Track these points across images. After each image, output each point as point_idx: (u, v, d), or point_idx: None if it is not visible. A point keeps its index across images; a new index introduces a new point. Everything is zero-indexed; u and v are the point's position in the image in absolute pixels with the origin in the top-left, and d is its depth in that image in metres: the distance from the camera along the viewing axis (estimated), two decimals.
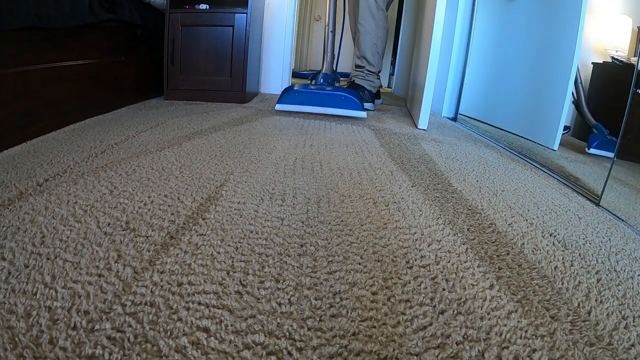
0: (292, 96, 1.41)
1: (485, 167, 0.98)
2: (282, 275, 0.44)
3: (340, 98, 1.40)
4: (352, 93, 1.43)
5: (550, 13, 1.29)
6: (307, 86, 1.44)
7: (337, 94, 1.40)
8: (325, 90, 1.41)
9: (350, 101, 1.39)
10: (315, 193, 0.70)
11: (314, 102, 1.40)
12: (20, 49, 0.89)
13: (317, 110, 1.41)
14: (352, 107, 1.40)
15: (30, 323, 0.33)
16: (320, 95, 1.40)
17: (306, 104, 1.41)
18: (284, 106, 1.42)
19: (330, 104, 1.40)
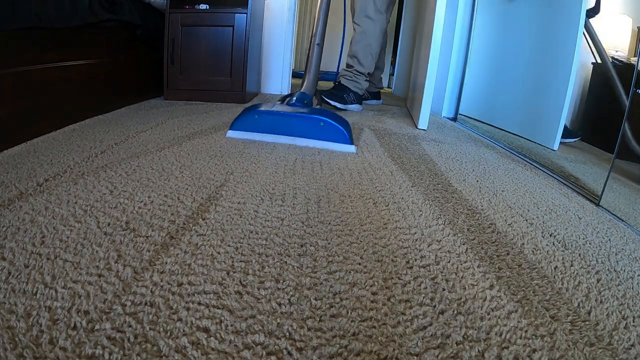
0: (251, 119, 1.00)
1: (485, 167, 0.98)
2: (282, 275, 0.44)
3: (318, 124, 0.97)
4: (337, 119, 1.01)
5: (550, 13, 1.29)
6: (274, 105, 1.04)
7: (315, 118, 0.98)
8: (299, 113, 0.99)
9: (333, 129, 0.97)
10: (315, 193, 0.70)
11: (280, 128, 0.98)
12: (20, 49, 0.89)
13: (284, 140, 0.99)
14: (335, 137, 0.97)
15: (30, 323, 0.33)
16: (290, 120, 0.98)
17: (269, 131, 0.99)
18: (239, 133, 1.01)
19: (305, 132, 0.98)
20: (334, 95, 1.69)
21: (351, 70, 1.72)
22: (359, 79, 1.72)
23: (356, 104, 1.73)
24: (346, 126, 1.01)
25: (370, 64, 1.72)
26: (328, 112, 1.03)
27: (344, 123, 1.02)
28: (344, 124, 1.02)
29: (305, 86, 1.20)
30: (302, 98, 1.13)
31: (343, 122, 1.02)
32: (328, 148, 0.99)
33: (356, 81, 1.72)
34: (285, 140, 1.00)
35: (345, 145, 0.99)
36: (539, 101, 1.31)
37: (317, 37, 1.21)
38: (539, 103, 1.31)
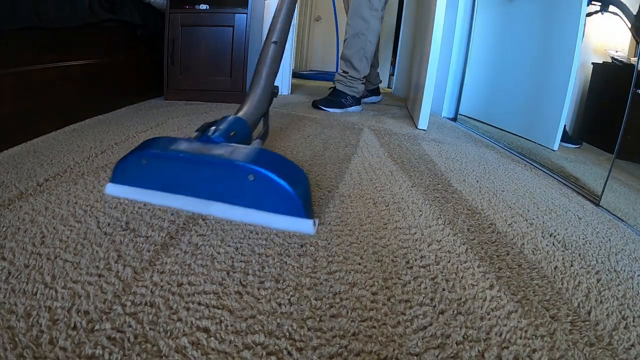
0: (136, 167, 0.58)
1: (485, 168, 0.98)
2: (282, 275, 0.44)
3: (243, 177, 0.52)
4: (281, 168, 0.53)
5: (550, 13, 1.29)
6: (176, 143, 0.58)
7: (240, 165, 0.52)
8: (213, 157, 0.54)
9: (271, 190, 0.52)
10: (315, 193, 0.70)
11: (183, 182, 0.57)
12: (20, 49, 0.89)
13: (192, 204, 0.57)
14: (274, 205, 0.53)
15: (30, 323, 0.33)
16: (195, 169, 0.55)
17: (166, 188, 0.58)
18: (122, 189, 0.61)
19: (223, 192, 0.55)
20: (331, 102, 1.66)
21: (345, 76, 1.69)
22: (355, 83, 1.69)
23: (355, 105, 1.72)
24: (297, 181, 0.53)
25: (364, 68, 1.68)
26: (267, 155, 0.55)
27: (293, 175, 0.53)
28: (294, 176, 0.53)
29: (246, 108, 0.70)
30: (230, 129, 0.61)
31: (291, 174, 0.54)
32: (261, 223, 0.54)
33: (352, 86, 1.69)
34: (187, 206, 0.56)
35: (293, 219, 0.52)
36: (539, 101, 1.31)
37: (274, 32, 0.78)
38: (539, 103, 1.31)
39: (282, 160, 0.56)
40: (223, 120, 0.63)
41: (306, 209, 0.52)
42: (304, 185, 0.54)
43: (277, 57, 0.78)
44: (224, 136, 0.59)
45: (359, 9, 1.59)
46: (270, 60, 0.76)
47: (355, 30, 1.62)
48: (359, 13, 1.60)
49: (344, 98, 1.68)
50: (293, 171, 0.55)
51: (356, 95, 1.72)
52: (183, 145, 0.57)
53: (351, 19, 1.63)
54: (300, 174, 0.56)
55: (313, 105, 1.70)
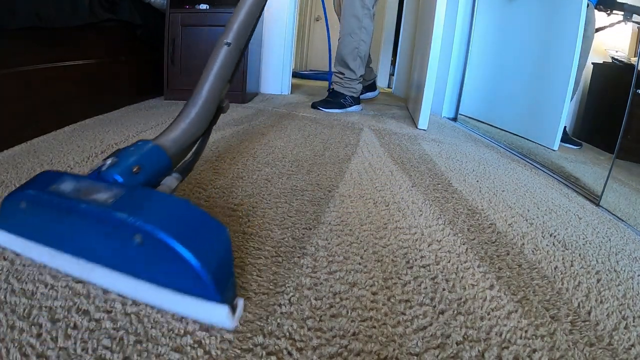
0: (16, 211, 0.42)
1: (486, 167, 0.98)
2: (282, 275, 0.44)
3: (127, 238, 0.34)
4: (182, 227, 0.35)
5: (550, 13, 1.29)
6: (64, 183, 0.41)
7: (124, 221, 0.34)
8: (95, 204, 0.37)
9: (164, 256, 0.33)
10: (315, 193, 0.70)
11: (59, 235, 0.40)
12: (20, 49, 0.89)
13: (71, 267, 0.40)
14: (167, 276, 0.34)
15: (30, 323, 0.33)
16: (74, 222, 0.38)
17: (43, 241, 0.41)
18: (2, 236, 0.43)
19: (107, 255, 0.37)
20: (329, 104, 1.67)
21: (342, 78, 1.69)
22: (352, 83, 1.69)
23: (355, 105, 1.72)
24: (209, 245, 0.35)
25: (359, 68, 1.67)
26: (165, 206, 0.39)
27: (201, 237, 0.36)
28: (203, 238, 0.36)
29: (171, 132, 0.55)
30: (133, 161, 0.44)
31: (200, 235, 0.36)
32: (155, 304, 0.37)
33: (350, 86, 1.69)
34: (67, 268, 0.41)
35: (198, 300, 0.34)
36: (539, 101, 1.31)
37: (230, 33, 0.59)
38: (539, 103, 1.31)
39: (187, 212, 0.38)
40: (132, 148, 0.46)
41: (218, 287, 0.33)
42: (219, 249, 0.36)
43: (228, 63, 0.59)
44: (122, 173, 0.42)
45: (351, 7, 1.59)
46: (219, 66, 0.59)
47: (348, 30, 1.62)
48: (352, 12, 1.59)
49: (343, 98, 1.69)
50: (202, 228, 0.37)
51: (355, 95, 1.72)
52: (66, 185, 0.41)
53: (344, 18, 1.63)
54: (216, 232, 0.37)
55: (312, 106, 1.70)
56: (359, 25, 1.60)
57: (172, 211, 0.38)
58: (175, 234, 0.33)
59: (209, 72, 0.59)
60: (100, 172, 0.42)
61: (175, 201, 0.39)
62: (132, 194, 0.38)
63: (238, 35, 0.60)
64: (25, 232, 0.43)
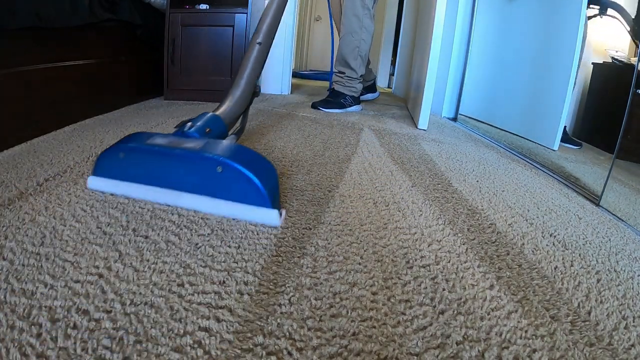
0: (115, 160, 0.61)
1: (486, 167, 0.98)
2: (282, 275, 0.44)
3: (212, 169, 0.55)
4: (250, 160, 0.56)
5: (550, 13, 1.29)
6: (152, 137, 0.61)
7: (209, 157, 0.55)
8: (185, 150, 0.57)
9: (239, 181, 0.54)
10: (315, 193, 0.70)
11: (157, 174, 0.59)
12: (20, 49, 0.89)
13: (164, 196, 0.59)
14: (241, 195, 0.55)
15: (30, 323, 0.33)
16: (169, 161, 0.57)
17: (142, 180, 0.60)
18: (102, 182, 0.62)
19: (193, 183, 0.57)
20: (329, 103, 1.68)
21: (342, 77, 1.70)
22: (353, 83, 1.70)
23: (355, 105, 1.73)
24: (265, 173, 0.55)
25: (360, 67, 1.68)
26: (238, 149, 0.57)
27: (260, 168, 0.55)
28: (261, 169, 0.55)
29: (224, 107, 0.72)
30: (205, 125, 0.64)
31: (259, 166, 0.55)
32: (227, 215, 0.56)
33: (350, 86, 1.70)
34: (160, 198, 0.58)
35: (258, 208, 0.53)
36: (539, 101, 1.31)
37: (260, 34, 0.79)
38: (539, 103, 1.31)
39: (251, 154, 0.58)
40: (200, 117, 0.66)
41: (272, 200, 0.54)
42: (272, 177, 0.56)
43: (260, 59, 0.80)
44: (199, 132, 0.62)
45: (352, 8, 1.60)
46: (253, 61, 0.79)
47: (349, 29, 1.63)
48: (353, 12, 1.61)
49: (343, 98, 1.69)
50: (261, 164, 0.57)
51: (355, 95, 1.72)
52: (158, 139, 0.59)
53: (345, 17, 1.64)
54: (269, 166, 0.58)
55: (312, 106, 1.71)
56: (359, 25, 1.61)
57: (240, 152, 0.56)
58: (245, 165, 0.52)
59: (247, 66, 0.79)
60: (184, 132, 0.61)
61: (240, 146, 0.59)
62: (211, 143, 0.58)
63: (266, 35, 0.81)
64: (122, 176, 0.60)
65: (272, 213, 0.54)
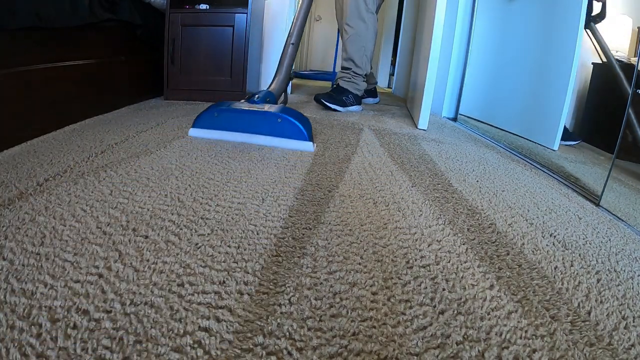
0: (210, 118, 1.00)
1: (485, 167, 0.98)
2: (283, 275, 0.44)
3: (274, 120, 0.96)
4: (295, 115, 0.99)
5: (550, 13, 1.29)
6: (233, 104, 1.02)
7: (273, 114, 0.97)
8: (257, 110, 0.98)
9: (290, 126, 0.96)
10: (316, 193, 0.70)
11: (240, 125, 0.99)
12: (20, 49, 0.89)
13: (244, 138, 0.99)
14: (292, 135, 0.96)
15: (30, 323, 0.33)
16: (248, 117, 0.98)
17: (229, 129, 0.99)
18: (200, 131, 1.02)
19: (263, 129, 0.98)
20: (332, 98, 1.70)
21: (349, 72, 1.73)
22: (357, 80, 1.73)
23: (356, 105, 1.75)
24: (305, 123, 1.00)
25: (366, 65, 1.73)
26: (287, 109, 1.01)
27: (302, 120, 1.00)
28: (303, 120, 1.00)
29: (273, 86, 1.18)
30: (266, 96, 1.09)
31: (302, 119, 1.00)
32: (284, 146, 0.97)
33: (354, 82, 1.73)
34: (245, 138, 1.00)
35: (302, 142, 0.97)
36: (539, 101, 1.31)
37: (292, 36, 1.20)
38: (539, 103, 1.31)
39: (296, 112, 1.02)
40: (261, 92, 1.10)
41: (309, 137, 0.98)
42: (308, 124, 1.03)
43: (293, 54, 1.22)
44: (262, 100, 1.06)
45: (357, 10, 1.67)
46: (289, 57, 1.21)
47: (355, 31, 1.69)
48: (358, 14, 1.67)
49: (346, 96, 1.72)
50: (302, 117, 1.03)
51: (358, 94, 1.75)
52: (240, 105, 1.02)
53: (350, 20, 1.69)
54: (306, 119, 1.04)
55: (315, 99, 1.73)
56: (365, 27, 1.69)
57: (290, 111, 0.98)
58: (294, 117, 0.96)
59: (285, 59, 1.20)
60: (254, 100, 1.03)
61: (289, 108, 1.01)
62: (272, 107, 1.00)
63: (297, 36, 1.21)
64: (217, 126, 0.99)
65: (309, 144, 0.98)
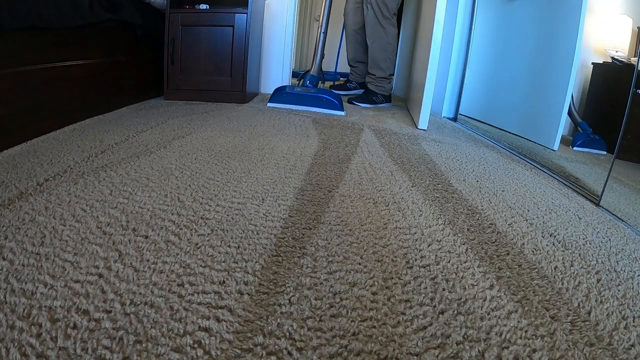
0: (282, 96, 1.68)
1: (485, 167, 0.98)
2: (283, 275, 0.44)
3: (322, 100, 1.65)
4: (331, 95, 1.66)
5: (550, 13, 1.29)
6: (294, 88, 1.70)
7: (319, 96, 1.65)
8: (309, 92, 1.67)
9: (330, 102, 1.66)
10: (316, 193, 0.70)
11: (299, 102, 1.66)
12: (20, 49, 0.89)
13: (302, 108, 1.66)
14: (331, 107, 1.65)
15: (30, 323, 0.33)
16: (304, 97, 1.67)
17: (293, 104, 1.67)
18: (275, 104, 1.68)
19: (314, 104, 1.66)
20: (363, 99, 2.00)
21: (374, 79, 1.97)
22: (382, 82, 1.96)
23: (386, 102, 2.01)
24: (339, 99, 1.65)
25: (389, 67, 1.96)
26: (329, 91, 1.68)
27: (337, 97, 1.65)
28: (337, 98, 1.65)
29: (313, 69, 1.78)
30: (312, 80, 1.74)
31: (336, 97, 1.65)
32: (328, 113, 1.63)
33: (380, 85, 1.97)
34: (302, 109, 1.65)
35: (338, 111, 1.63)
36: (539, 101, 1.31)
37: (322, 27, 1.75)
38: (538, 103, 1.31)
39: (333, 92, 1.68)
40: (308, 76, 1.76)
41: (342, 108, 1.65)
42: (340, 100, 1.66)
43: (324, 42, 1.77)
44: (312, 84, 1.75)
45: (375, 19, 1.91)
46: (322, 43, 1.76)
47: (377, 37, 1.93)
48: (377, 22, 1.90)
49: (375, 96, 1.96)
50: (337, 95, 1.67)
51: (385, 94, 1.99)
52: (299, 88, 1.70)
53: (371, 28, 1.92)
54: (339, 97, 1.67)
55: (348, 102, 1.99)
56: (384, 32, 1.91)
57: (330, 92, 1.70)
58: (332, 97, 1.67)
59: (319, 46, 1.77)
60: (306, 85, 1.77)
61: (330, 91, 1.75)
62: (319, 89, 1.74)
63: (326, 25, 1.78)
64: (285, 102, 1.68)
65: (343, 112, 1.62)
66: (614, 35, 1.14)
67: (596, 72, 1.20)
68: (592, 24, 1.15)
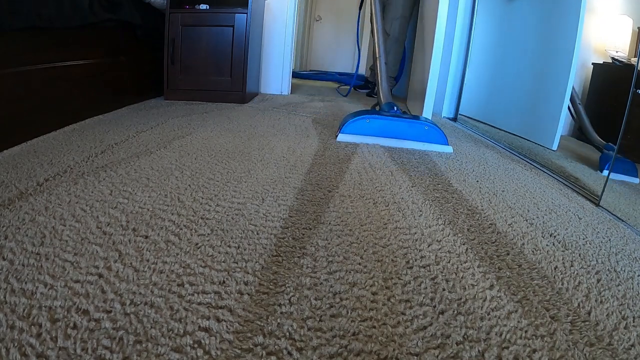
0: (362, 124, 1.15)
1: (485, 168, 0.98)
2: (283, 275, 0.44)
3: (422, 129, 1.13)
4: (437, 125, 1.15)
5: (550, 13, 1.29)
6: (380, 113, 1.17)
7: (418, 123, 1.14)
8: (403, 119, 1.13)
9: (435, 133, 1.12)
10: (316, 193, 0.70)
11: (388, 132, 1.14)
12: (20, 49, 0.89)
13: (391, 142, 1.13)
14: (436, 140, 1.13)
15: (30, 323, 0.33)
16: (396, 124, 1.13)
17: (379, 135, 1.14)
18: (349, 137, 1.14)
19: (410, 136, 1.13)
20: None
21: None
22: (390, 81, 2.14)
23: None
24: (443, 131, 1.16)
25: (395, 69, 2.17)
26: (428, 120, 1.21)
27: (441, 127, 1.16)
28: (441, 128, 1.17)
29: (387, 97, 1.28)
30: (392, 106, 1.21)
31: (440, 127, 1.17)
32: (429, 150, 1.13)
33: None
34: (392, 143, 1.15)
35: (443, 146, 1.13)
36: (538, 101, 1.31)
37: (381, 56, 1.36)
38: (538, 103, 1.31)
39: (433, 122, 1.17)
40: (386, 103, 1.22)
41: (448, 142, 1.14)
42: (444, 135, 1.14)
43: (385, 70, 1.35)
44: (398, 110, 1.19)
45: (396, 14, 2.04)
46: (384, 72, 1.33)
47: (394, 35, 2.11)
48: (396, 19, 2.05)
49: None
50: (439, 126, 1.16)
51: None
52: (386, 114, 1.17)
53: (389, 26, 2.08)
54: (441, 129, 1.15)
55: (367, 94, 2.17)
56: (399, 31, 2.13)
57: (430, 121, 1.17)
58: (437, 126, 1.14)
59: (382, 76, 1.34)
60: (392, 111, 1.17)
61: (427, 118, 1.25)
62: (412, 116, 1.20)
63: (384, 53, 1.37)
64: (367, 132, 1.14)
65: (449, 148, 1.13)
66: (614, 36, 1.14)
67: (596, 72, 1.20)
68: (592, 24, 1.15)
